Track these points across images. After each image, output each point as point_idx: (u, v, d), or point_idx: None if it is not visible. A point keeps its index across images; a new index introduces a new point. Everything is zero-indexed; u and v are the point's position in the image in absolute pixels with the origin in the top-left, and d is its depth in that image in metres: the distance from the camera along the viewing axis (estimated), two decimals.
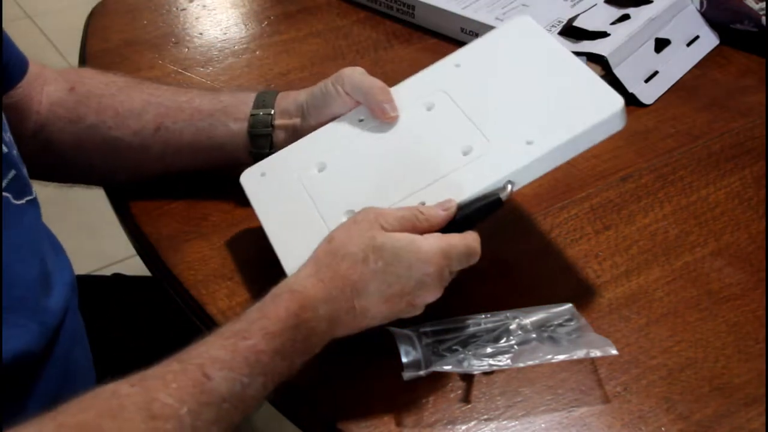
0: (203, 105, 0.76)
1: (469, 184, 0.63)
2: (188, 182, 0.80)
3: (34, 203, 0.66)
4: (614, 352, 0.61)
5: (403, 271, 0.58)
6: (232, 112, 0.75)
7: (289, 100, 0.75)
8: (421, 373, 0.60)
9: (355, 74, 0.72)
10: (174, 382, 0.51)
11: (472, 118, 0.67)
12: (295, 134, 0.74)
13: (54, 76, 0.77)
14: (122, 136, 0.75)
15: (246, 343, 0.54)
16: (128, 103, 0.76)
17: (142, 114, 0.75)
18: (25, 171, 0.66)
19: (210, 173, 0.80)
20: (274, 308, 0.56)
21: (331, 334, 0.59)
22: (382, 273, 0.58)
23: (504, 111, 0.67)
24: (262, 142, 0.74)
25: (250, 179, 0.72)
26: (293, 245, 0.65)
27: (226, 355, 0.53)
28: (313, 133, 0.72)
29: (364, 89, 0.70)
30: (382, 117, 0.70)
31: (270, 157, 0.73)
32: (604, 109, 0.62)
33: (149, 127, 0.75)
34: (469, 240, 0.61)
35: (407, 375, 0.60)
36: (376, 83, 0.71)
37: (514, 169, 0.62)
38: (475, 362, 0.61)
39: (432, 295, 0.60)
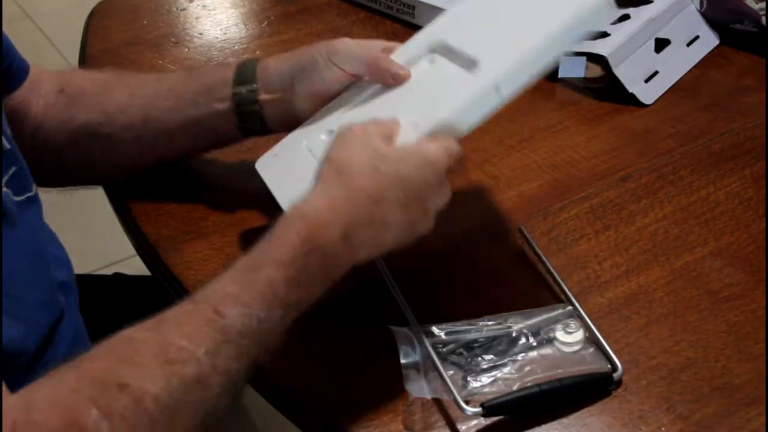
0: (186, 91, 0.75)
1: (467, 89, 0.63)
2: (188, 183, 0.80)
3: (34, 200, 0.67)
4: (614, 375, 0.62)
5: (414, 174, 0.58)
6: (214, 92, 0.74)
7: (270, 72, 0.73)
8: (427, 396, 0.60)
9: (350, 47, 0.70)
10: (187, 324, 0.51)
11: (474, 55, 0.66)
12: (284, 106, 0.72)
13: (48, 78, 0.78)
14: (113, 132, 0.75)
15: (258, 275, 0.53)
16: (113, 100, 0.76)
17: (128, 109, 0.76)
18: (26, 168, 0.66)
19: (209, 173, 0.80)
20: (285, 236, 0.54)
21: (351, 256, 0.57)
22: (395, 178, 0.57)
23: (498, 38, 0.67)
24: (250, 119, 0.73)
25: (265, 163, 0.72)
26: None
27: (238, 290, 0.52)
28: (320, 111, 0.72)
29: (365, 61, 0.69)
30: (393, 82, 0.68)
31: (284, 139, 0.73)
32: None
33: (137, 121, 0.75)
34: (449, 141, 0.61)
35: (412, 393, 0.60)
36: (374, 52, 0.69)
37: (507, 67, 0.62)
38: (476, 385, 0.62)
39: (442, 199, 0.60)
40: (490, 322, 0.65)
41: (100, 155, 0.77)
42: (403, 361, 0.62)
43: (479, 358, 0.63)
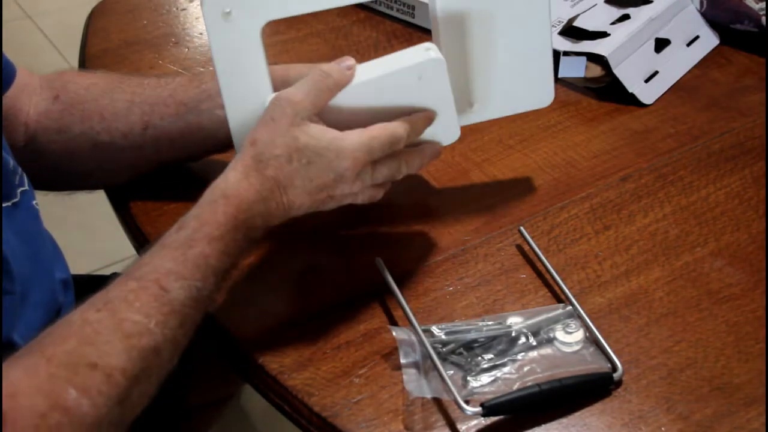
0: (186, 97, 0.75)
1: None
2: (188, 182, 0.80)
3: (20, 206, 0.66)
4: (614, 376, 0.62)
5: (323, 167, 0.63)
6: (216, 98, 0.74)
7: (275, 79, 0.71)
8: (427, 396, 0.60)
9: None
10: (137, 301, 0.56)
11: None
12: None
13: (39, 85, 0.77)
14: (112, 140, 0.75)
15: (193, 251, 0.59)
16: (111, 106, 0.75)
17: (128, 115, 0.75)
18: (11, 173, 0.66)
19: (209, 173, 0.80)
20: (213, 215, 0.60)
21: (266, 226, 0.64)
22: (305, 170, 0.63)
23: None
24: None
25: None
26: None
27: (177, 266, 0.58)
28: None
29: None
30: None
31: None
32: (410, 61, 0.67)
33: (137, 128, 0.75)
34: (392, 127, 0.65)
35: (412, 393, 0.60)
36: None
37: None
38: (476, 385, 0.62)
39: (349, 188, 0.65)
40: (490, 322, 0.65)
41: (99, 164, 0.77)
42: (403, 361, 0.62)
43: (479, 358, 0.63)
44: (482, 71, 0.75)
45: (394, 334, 0.63)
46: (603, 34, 0.96)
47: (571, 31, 0.98)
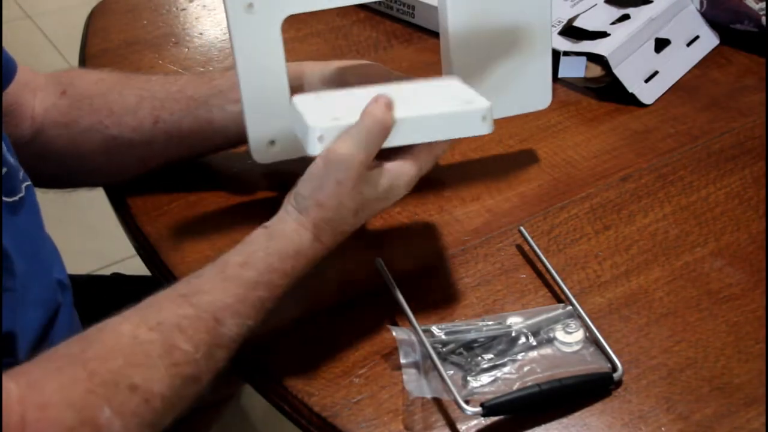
0: (197, 92, 0.75)
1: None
2: (188, 182, 0.80)
3: (25, 201, 0.66)
4: (615, 375, 0.62)
5: (384, 204, 0.64)
6: (227, 94, 0.74)
7: (311, 75, 0.74)
8: (427, 396, 0.60)
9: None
10: (190, 330, 0.57)
11: None
12: None
13: (45, 82, 0.76)
14: (121, 134, 0.75)
15: (255, 294, 0.60)
16: (121, 101, 0.75)
17: (137, 110, 0.75)
18: (16, 169, 0.66)
19: (210, 173, 0.80)
20: (282, 266, 0.61)
21: None
22: (369, 215, 0.64)
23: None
24: None
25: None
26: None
27: (236, 303, 0.59)
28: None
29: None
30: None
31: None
32: (472, 105, 0.65)
33: (147, 122, 0.75)
34: (439, 150, 0.65)
35: (412, 393, 0.60)
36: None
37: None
38: (476, 385, 0.62)
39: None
40: (490, 322, 0.65)
41: (106, 160, 0.76)
42: (403, 361, 0.62)
43: (479, 358, 0.63)
44: (484, 74, 0.75)
45: (394, 334, 0.63)
46: (603, 34, 0.96)
47: (571, 31, 0.98)
